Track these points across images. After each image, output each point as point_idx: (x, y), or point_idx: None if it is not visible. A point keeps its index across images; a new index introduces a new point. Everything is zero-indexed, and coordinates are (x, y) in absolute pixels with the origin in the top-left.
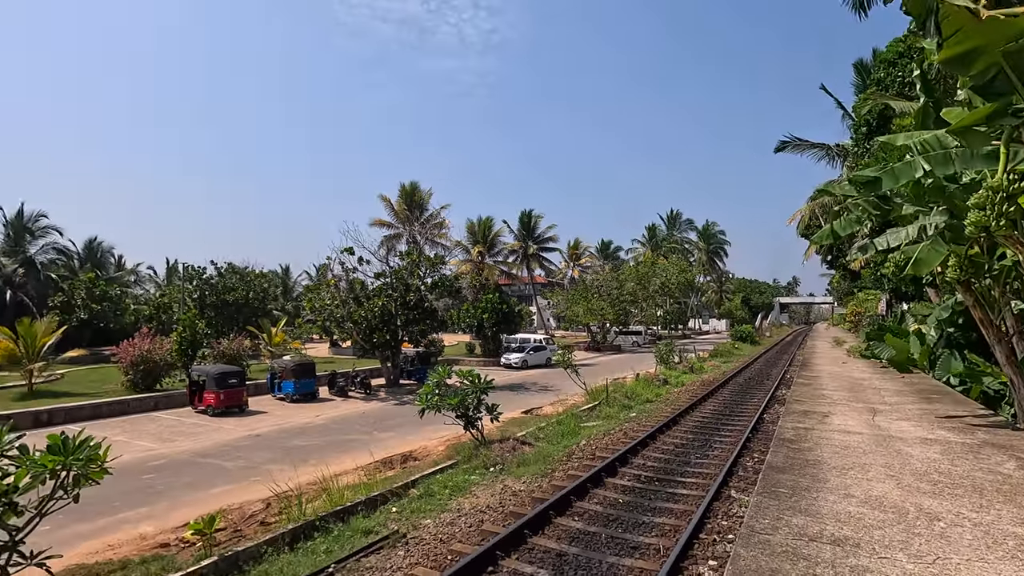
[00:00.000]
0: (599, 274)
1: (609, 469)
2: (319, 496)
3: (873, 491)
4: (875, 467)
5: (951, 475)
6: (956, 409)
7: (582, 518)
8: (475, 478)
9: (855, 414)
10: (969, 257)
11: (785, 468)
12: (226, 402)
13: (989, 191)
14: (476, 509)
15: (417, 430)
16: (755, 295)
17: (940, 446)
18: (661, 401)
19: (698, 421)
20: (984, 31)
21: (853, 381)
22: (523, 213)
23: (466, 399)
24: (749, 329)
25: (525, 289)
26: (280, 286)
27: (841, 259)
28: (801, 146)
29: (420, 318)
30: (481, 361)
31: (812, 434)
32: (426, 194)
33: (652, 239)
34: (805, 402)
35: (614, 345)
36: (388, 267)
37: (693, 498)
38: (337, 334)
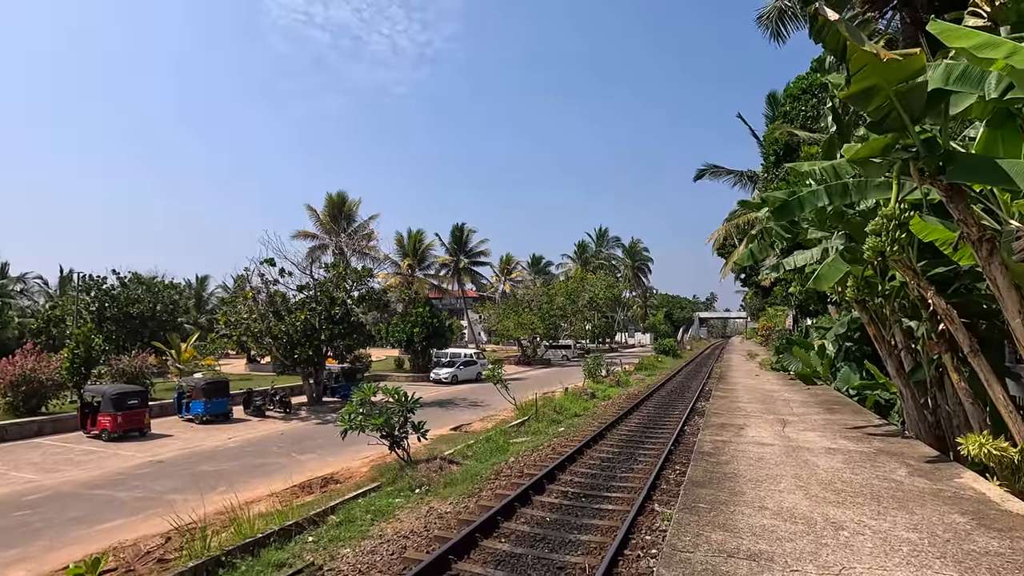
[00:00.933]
0: (530, 289)
1: (537, 487)
2: (228, 527)
3: (785, 502)
4: (786, 478)
5: (852, 483)
6: (855, 419)
7: (509, 539)
8: (399, 501)
9: (767, 426)
10: (865, 278)
11: (705, 482)
12: (124, 425)
13: (884, 219)
14: (399, 535)
15: (340, 451)
16: (677, 310)
17: (842, 455)
18: (589, 415)
19: (623, 435)
20: (882, 71)
21: (765, 393)
22: (455, 227)
23: (392, 418)
24: (671, 343)
25: (456, 303)
26: (193, 298)
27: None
28: (718, 172)
29: (346, 332)
30: (410, 377)
31: (729, 447)
32: (354, 204)
33: (581, 255)
34: (723, 415)
35: (544, 359)
36: (312, 279)
37: (618, 513)
38: (255, 350)
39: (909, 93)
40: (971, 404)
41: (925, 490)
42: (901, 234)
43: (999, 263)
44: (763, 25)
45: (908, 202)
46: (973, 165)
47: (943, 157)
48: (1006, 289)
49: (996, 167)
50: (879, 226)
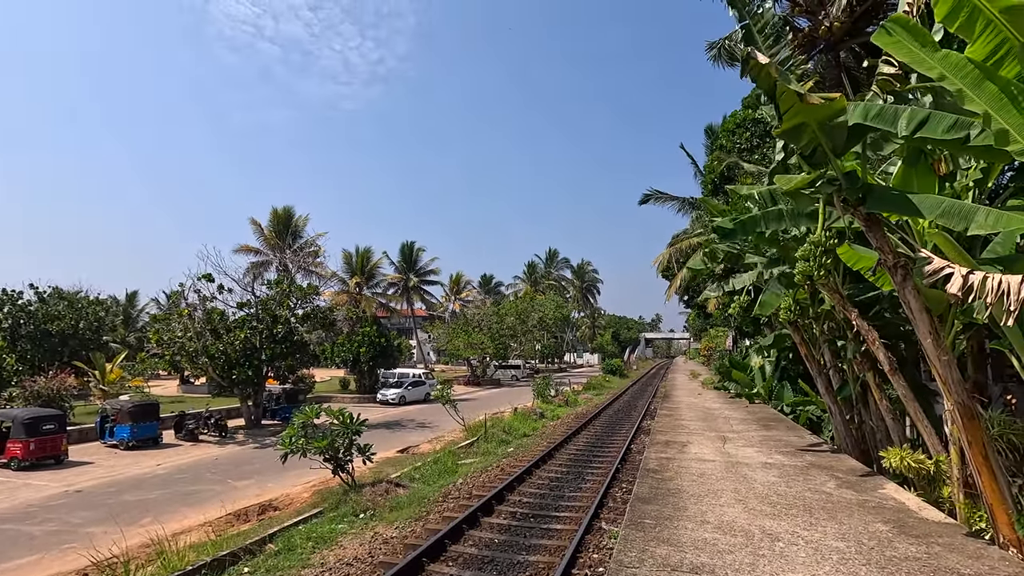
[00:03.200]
0: (480, 308)
1: (485, 508)
2: (153, 561)
3: (725, 516)
4: (726, 492)
5: (787, 496)
6: (789, 435)
7: (456, 563)
8: (343, 527)
9: (709, 442)
10: (797, 301)
11: (650, 499)
12: (38, 452)
13: (811, 245)
14: (342, 562)
15: (280, 476)
16: (624, 330)
17: (777, 469)
18: (538, 435)
19: (572, 454)
20: (807, 111)
21: (707, 412)
22: (404, 245)
23: (336, 441)
24: (619, 363)
25: (405, 322)
26: (121, 315)
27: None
28: (662, 198)
29: (288, 352)
30: (356, 398)
31: (673, 464)
32: (301, 220)
33: (531, 276)
34: (667, 432)
35: (494, 379)
36: (254, 296)
37: (566, 532)
38: (189, 370)
39: (832, 130)
40: (892, 420)
41: (852, 501)
42: (827, 260)
43: (912, 287)
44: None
45: (834, 230)
46: (888, 197)
47: (863, 189)
48: (918, 312)
49: (907, 200)
50: (807, 252)
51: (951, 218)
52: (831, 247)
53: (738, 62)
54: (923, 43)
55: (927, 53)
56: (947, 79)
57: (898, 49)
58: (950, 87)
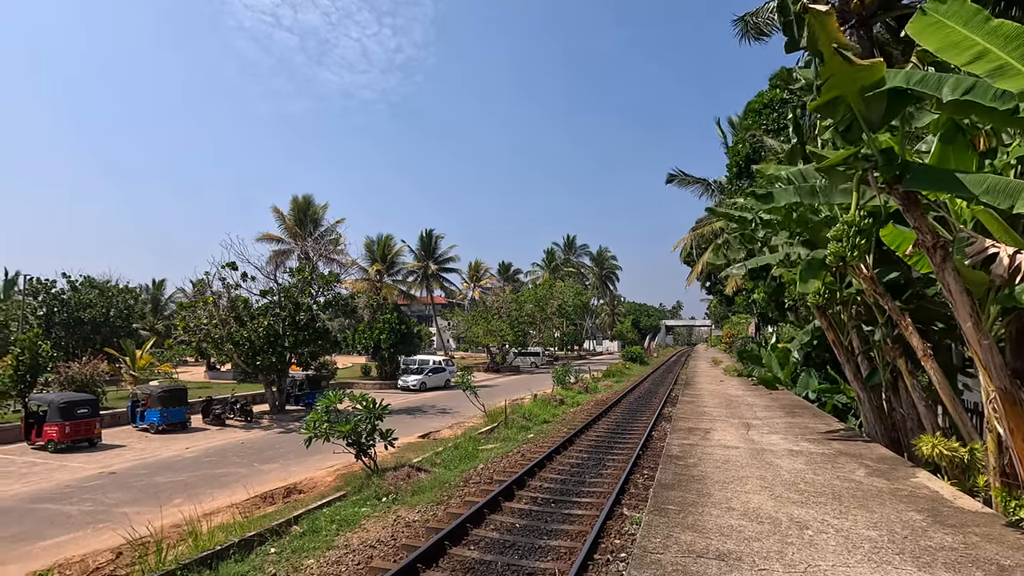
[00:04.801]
0: (499, 295)
1: (506, 493)
2: (184, 540)
3: (751, 503)
4: (752, 479)
5: (815, 484)
6: (815, 422)
7: (478, 547)
8: (366, 510)
9: (732, 429)
10: (827, 285)
11: (673, 485)
12: (73, 435)
13: (845, 225)
14: (366, 544)
15: (304, 460)
16: (644, 318)
17: (804, 457)
18: (558, 421)
19: (592, 440)
20: (846, 79)
21: (729, 398)
22: (423, 232)
23: (358, 426)
24: (639, 350)
25: (425, 310)
26: (150, 303)
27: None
28: (687, 180)
29: (311, 339)
30: (377, 384)
31: (696, 450)
32: (320, 208)
33: (550, 263)
34: (689, 419)
35: (513, 366)
36: (276, 284)
37: (588, 518)
38: (215, 356)
39: (870, 102)
40: (924, 407)
41: (883, 489)
42: (861, 240)
43: (952, 269)
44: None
45: (868, 210)
46: (928, 174)
47: (900, 167)
48: (958, 293)
49: (949, 177)
50: (840, 232)
51: (996, 195)
52: (865, 228)
53: (765, 36)
54: (969, 18)
55: (973, 27)
56: (988, 55)
57: (934, 32)
58: (987, 66)
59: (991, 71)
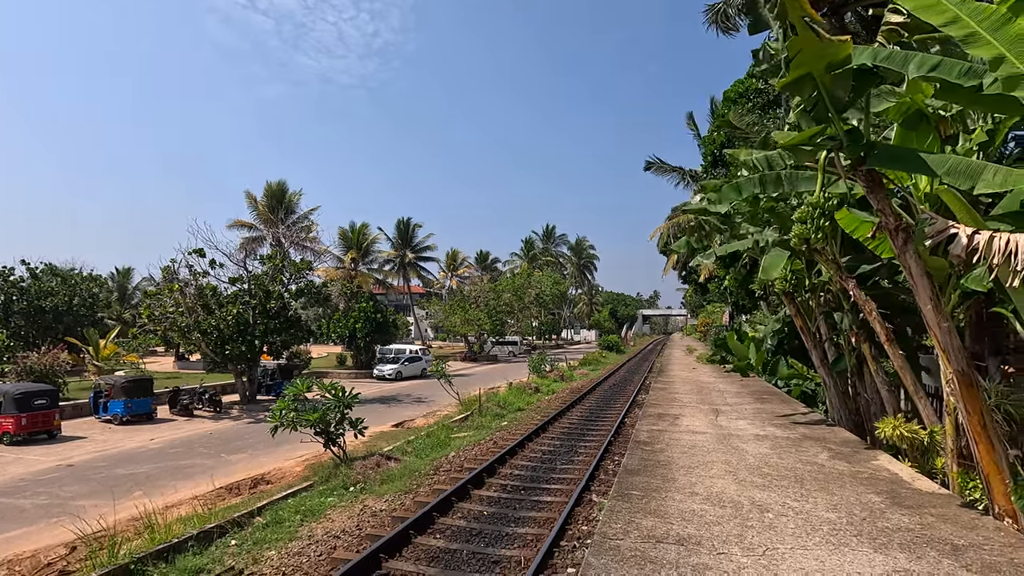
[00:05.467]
0: (477, 284)
1: (476, 481)
2: (142, 534)
3: (714, 487)
4: (717, 464)
5: (778, 468)
6: (783, 408)
7: (444, 535)
8: (333, 500)
9: (702, 415)
10: (795, 272)
11: (639, 470)
12: (30, 427)
13: (809, 207)
14: (330, 535)
15: (273, 450)
16: (621, 307)
17: (770, 441)
18: (532, 409)
19: (565, 427)
20: (814, 55)
21: (701, 385)
22: (400, 221)
23: (327, 414)
24: (615, 339)
25: (402, 299)
26: (116, 291)
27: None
28: (664, 168)
29: (282, 328)
30: (353, 373)
31: (665, 436)
32: (294, 195)
33: (529, 252)
34: (660, 405)
35: (491, 355)
36: (246, 271)
37: (556, 505)
38: (183, 345)
39: (836, 80)
40: (887, 391)
41: (844, 472)
42: (825, 222)
43: (913, 252)
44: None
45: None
46: (891, 154)
47: (864, 147)
48: (919, 277)
49: (912, 157)
50: (805, 214)
51: (957, 176)
52: (830, 209)
53: (733, 31)
54: None
55: None
56: (960, 21)
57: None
58: (960, 31)
59: (964, 37)
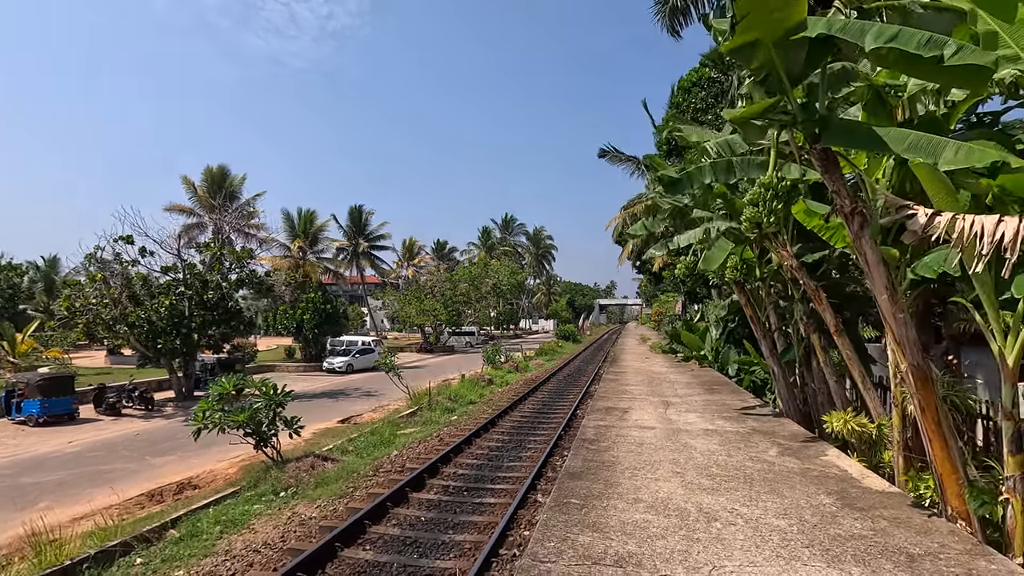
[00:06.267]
0: (433, 274)
1: (416, 482)
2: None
3: (660, 492)
4: (664, 464)
5: (727, 467)
6: (732, 399)
7: (375, 546)
8: (259, 507)
9: (651, 408)
10: (745, 260)
11: (581, 473)
12: None
13: (761, 188)
14: (250, 548)
15: (205, 451)
16: (579, 297)
17: (719, 437)
18: (484, 402)
19: (516, 421)
20: (764, 19)
21: (652, 376)
22: (353, 208)
23: (257, 413)
24: (572, 329)
25: (357, 289)
26: (41, 281)
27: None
28: (618, 157)
29: (221, 319)
30: (302, 367)
31: (612, 432)
32: (237, 180)
33: (486, 242)
34: (610, 398)
35: (447, 346)
36: (180, 260)
37: (500, 507)
38: (108, 339)
39: (789, 49)
40: (834, 382)
41: (794, 470)
42: (778, 205)
43: (869, 238)
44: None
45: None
46: (848, 130)
47: (819, 122)
48: (875, 264)
49: (869, 133)
50: (756, 196)
51: (918, 151)
52: (783, 191)
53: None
54: None
55: None
56: None
57: None
58: None
59: None
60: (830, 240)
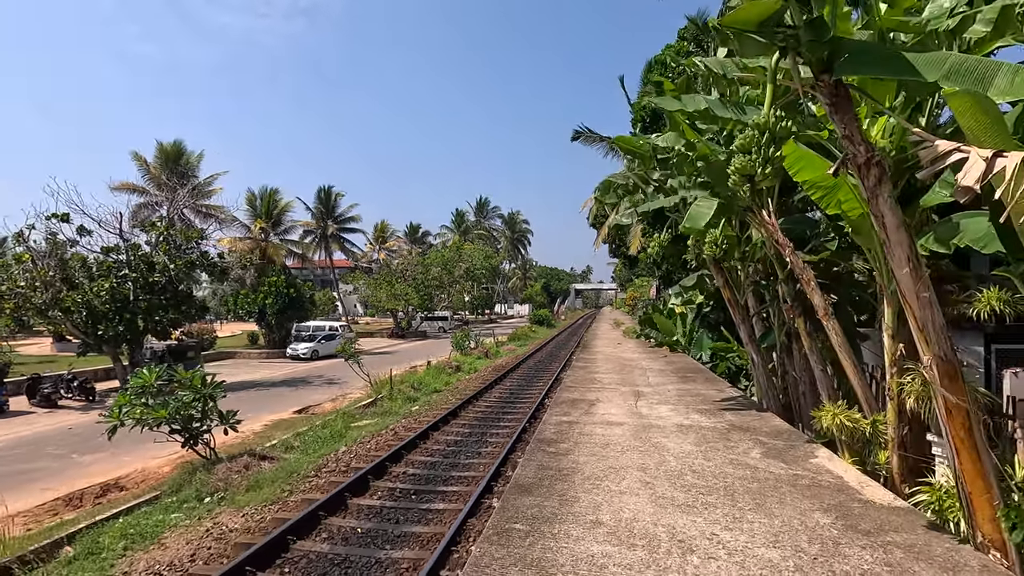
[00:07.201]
0: (405, 258)
1: (358, 485)
2: None
3: (625, 510)
4: (632, 471)
5: (705, 474)
6: (708, 388)
7: (297, 567)
8: (177, 516)
9: (621, 399)
10: (726, 236)
11: (533, 486)
12: None
13: (755, 130)
14: (151, 571)
15: (140, 447)
16: (555, 282)
17: (695, 434)
18: (449, 390)
19: (480, 412)
20: None
21: (624, 363)
22: (321, 189)
23: (186, 408)
24: (546, 313)
25: (326, 273)
26: None
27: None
28: (592, 138)
29: (169, 304)
30: (264, 353)
31: (575, 430)
32: (194, 157)
33: (460, 225)
34: (577, 388)
35: (420, 331)
36: (123, 240)
37: (449, 514)
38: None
39: None
40: (820, 371)
41: (782, 477)
42: (775, 152)
43: (888, 195)
44: None
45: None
46: (869, 55)
47: (830, 44)
48: (895, 229)
49: (897, 57)
50: (749, 141)
51: (961, 78)
52: (782, 134)
53: None
54: None
55: None
56: None
57: None
58: None
59: None
60: (821, 203)
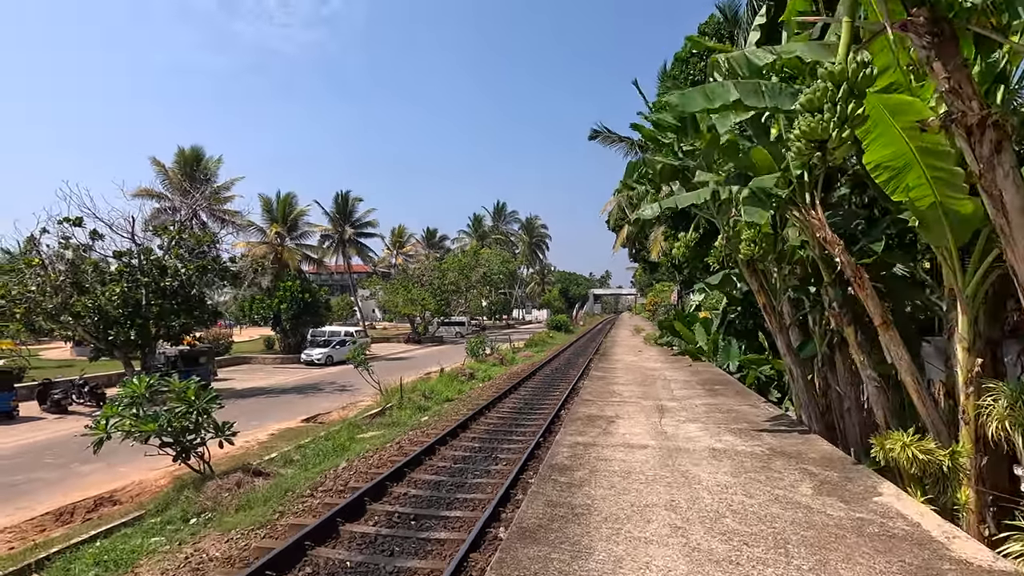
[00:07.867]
0: (422, 263)
1: (353, 509)
2: None
3: (652, 567)
4: (658, 509)
5: (747, 516)
6: (740, 404)
7: None
8: (157, 540)
9: (643, 416)
10: (762, 235)
11: (537, 530)
12: None
13: (828, 82)
14: None
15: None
16: (573, 287)
17: (730, 461)
18: (461, 399)
19: (492, 424)
20: None
21: (646, 373)
22: (338, 194)
23: (178, 419)
24: (564, 319)
25: (345, 278)
26: None
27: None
28: (611, 138)
29: (181, 309)
30: (279, 358)
31: (591, 454)
32: (212, 163)
33: (478, 229)
34: (594, 402)
35: (436, 336)
36: (135, 244)
37: (451, 545)
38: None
39: None
40: (875, 387)
41: (843, 523)
42: (856, 109)
43: (1011, 165)
44: None
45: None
46: None
47: None
48: (1017, 210)
49: None
50: (819, 97)
51: None
52: (862, 86)
53: None
54: None
55: None
56: None
57: None
58: None
59: None
60: (887, 187)
